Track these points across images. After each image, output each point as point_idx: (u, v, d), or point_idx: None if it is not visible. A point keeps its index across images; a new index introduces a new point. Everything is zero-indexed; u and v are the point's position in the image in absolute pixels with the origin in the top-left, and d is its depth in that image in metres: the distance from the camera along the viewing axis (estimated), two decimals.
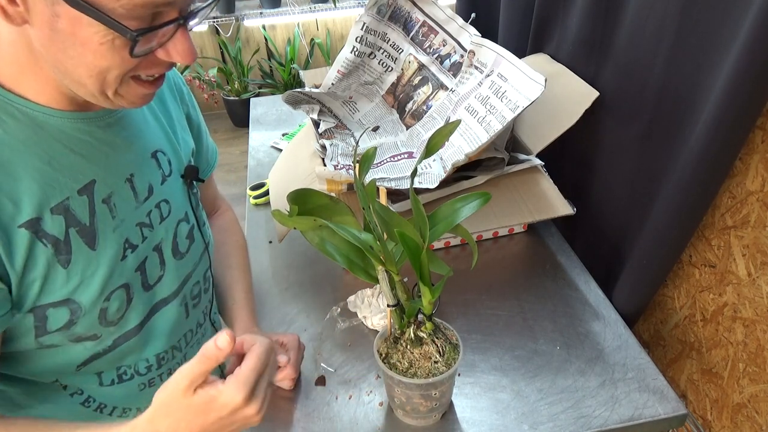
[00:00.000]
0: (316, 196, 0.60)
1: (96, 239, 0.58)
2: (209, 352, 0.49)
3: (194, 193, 0.75)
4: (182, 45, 0.51)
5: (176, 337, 0.72)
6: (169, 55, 0.51)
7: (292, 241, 1.07)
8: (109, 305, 0.61)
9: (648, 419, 0.72)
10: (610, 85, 0.94)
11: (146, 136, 0.66)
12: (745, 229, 0.75)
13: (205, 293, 0.78)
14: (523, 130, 1.06)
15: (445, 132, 0.59)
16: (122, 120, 0.63)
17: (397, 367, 0.65)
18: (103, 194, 0.59)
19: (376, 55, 1.16)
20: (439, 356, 0.65)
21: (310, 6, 3.27)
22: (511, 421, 0.72)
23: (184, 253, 0.71)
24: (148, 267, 0.65)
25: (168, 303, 0.69)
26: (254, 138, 1.49)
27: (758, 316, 0.76)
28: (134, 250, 0.63)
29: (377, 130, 1.14)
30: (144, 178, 0.65)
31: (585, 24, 0.97)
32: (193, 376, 0.50)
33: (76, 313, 0.58)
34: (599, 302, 0.90)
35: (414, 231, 0.55)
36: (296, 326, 0.89)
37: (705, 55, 0.72)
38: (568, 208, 0.97)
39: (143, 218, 0.64)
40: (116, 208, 0.61)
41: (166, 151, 0.69)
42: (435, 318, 0.68)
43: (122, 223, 0.61)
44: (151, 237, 0.65)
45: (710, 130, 0.69)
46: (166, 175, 0.69)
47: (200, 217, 0.76)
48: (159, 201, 0.67)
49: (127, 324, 0.64)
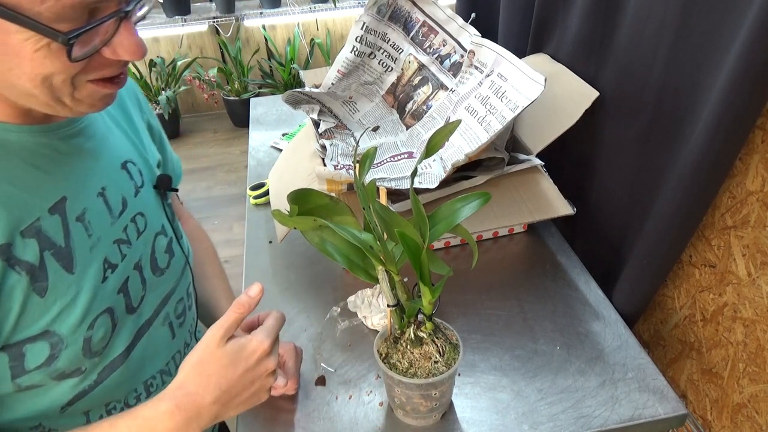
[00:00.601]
0: (316, 196, 0.60)
1: (73, 261, 0.53)
2: (242, 299, 0.56)
3: (168, 204, 0.70)
4: (127, 40, 0.46)
5: (164, 360, 0.68)
6: (115, 53, 0.46)
7: (292, 241, 1.07)
8: (93, 333, 0.55)
9: (648, 419, 0.72)
10: (610, 85, 0.94)
11: (113, 146, 0.62)
12: (745, 229, 0.75)
13: (189, 310, 0.73)
14: (523, 130, 1.06)
15: (446, 132, 0.58)
16: (85, 130, 0.58)
17: (397, 367, 0.65)
18: (76, 211, 0.54)
19: (376, 55, 1.16)
20: (439, 356, 0.65)
21: (310, 6, 3.27)
22: (511, 421, 0.72)
23: (164, 269, 0.66)
24: (131, 287, 0.60)
25: (152, 324, 0.65)
26: (254, 138, 1.49)
27: (758, 316, 0.76)
28: (114, 270, 0.58)
29: (377, 130, 1.14)
30: (116, 191, 0.60)
31: (585, 24, 0.97)
32: (228, 324, 0.55)
33: (57, 346, 0.53)
34: (599, 302, 0.90)
35: (414, 231, 0.55)
36: (296, 326, 0.89)
37: (705, 55, 0.72)
38: (568, 208, 0.97)
39: (120, 234, 0.59)
40: (91, 225, 0.56)
41: (135, 161, 0.65)
42: (435, 318, 0.68)
43: (99, 241, 0.56)
44: (130, 254, 0.60)
45: (710, 130, 0.69)
46: (139, 186, 0.64)
47: (177, 230, 0.72)
48: (134, 214, 0.62)
49: (112, 352, 0.59)
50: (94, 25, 0.43)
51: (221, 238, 2.61)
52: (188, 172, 3.20)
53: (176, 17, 3.18)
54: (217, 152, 3.39)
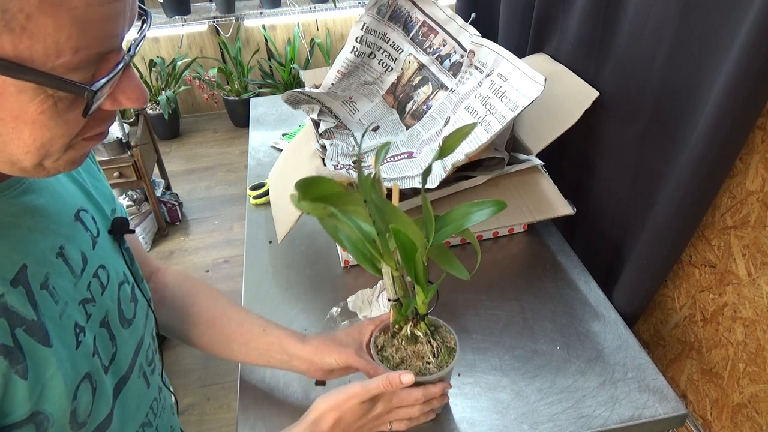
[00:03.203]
0: (329, 183, 0.58)
1: (48, 334, 0.48)
2: (394, 380, 0.61)
3: (126, 248, 0.65)
4: (130, 87, 0.43)
5: (144, 412, 0.64)
6: (118, 103, 0.43)
7: (292, 241, 1.07)
8: (78, 404, 0.51)
9: (648, 419, 0.72)
10: (610, 85, 0.94)
11: (63, 196, 0.56)
12: (745, 229, 0.75)
13: (156, 353, 0.69)
14: (523, 130, 1.06)
15: (461, 134, 0.59)
16: (33, 185, 0.51)
17: (389, 361, 0.66)
18: (39, 279, 0.49)
19: (376, 55, 1.16)
20: (432, 357, 0.65)
21: (310, 6, 3.27)
22: (511, 421, 0.72)
23: (132, 319, 0.62)
24: (99, 346, 0.55)
25: (128, 379, 0.60)
26: (254, 138, 1.49)
27: (758, 316, 0.76)
28: (84, 332, 0.53)
29: (377, 130, 1.14)
30: (74, 247, 0.54)
31: (585, 24, 0.97)
32: (373, 393, 0.61)
33: (43, 425, 0.48)
34: (599, 302, 0.90)
35: (415, 229, 0.55)
36: (296, 326, 0.89)
37: (705, 55, 0.72)
38: (568, 208, 0.97)
39: (84, 293, 0.54)
40: (56, 291, 0.50)
41: (87, 209, 0.59)
42: (439, 320, 0.68)
43: (66, 306, 0.51)
44: (95, 312, 0.55)
45: (710, 130, 0.69)
46: (95, 236, 0.58)
47: (137, 274, 0.66)
48: (95, 269, 0.57)
49: (97, 418, 0.54)
50: (115, 73, 0.40)
51: (221, 238, 2.61)
52: (188, 172, 3.20)
53: (176, 17, 3.18)
54: (217, 152, 3.40)
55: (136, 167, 2.33)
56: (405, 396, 0.64)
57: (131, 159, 2.31)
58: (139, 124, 2.55)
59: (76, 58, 0.37)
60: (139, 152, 2.31)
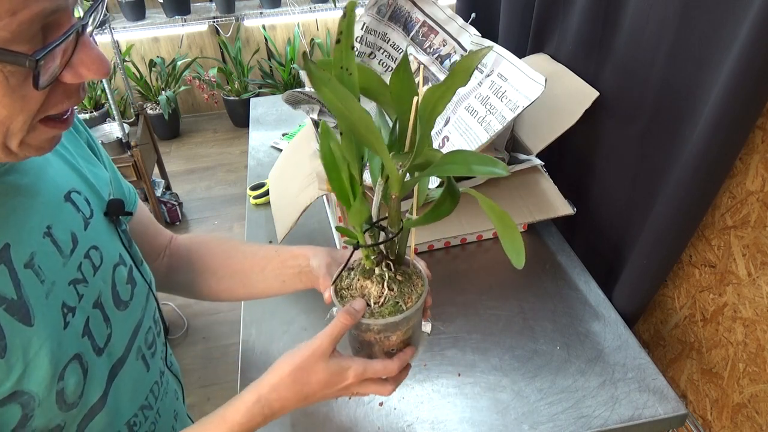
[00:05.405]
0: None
1: (30, 313, 0.48)
2: (350, 311, 0.55)
3: (123, 230, 0.65)
4: (88, 57, 0.41)
5: (142, 395, 0.64)
6: (78, 75, 0.42)
7: (292, 242, 1.07)
8: (65, 384, 0.51)
9: (648, 419, 0.72)
10: (610, 85, 0.94)
11: (52, 177, 0.55)
12: (745, 229, 0.75)
13: (158, 337, 0.69)
14: (523, 130, 1.06)
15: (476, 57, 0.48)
16: (18, 166, 0.52)
17: (344, 297, 0.59)
18: (23, 258, 0.49)
19: (376, 55, 1.16)
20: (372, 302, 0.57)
21: (310, 6, 3.27)
22: (511, 421, 0.72)
23: (128, 301, 0.62)
24: (93, 328, 0.56)
25: (125, 362, 0.60)
26: (254, 138, 1.49)
27: (758, 316, 0.76)
28: (74, 313, 0.53)
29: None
30: (63, 227, 0.54)
31: (585, 24, 0.97)
32: (336, 335, 0.55)
33: (30, 405, 0.48)
34: (599, 302, 0.90)
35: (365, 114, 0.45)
36: (296, 326, 0.89)
37: (705, 55, 0.72)
38: (568, 208, 0.97)
39: (75, 274, 0.54)
40: (42, 270, 0.51)
41: (80, 190, 0.59)
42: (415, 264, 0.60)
43: (54, 285, 0.51)
44: (87, 293, 0.56)
45: (710, 130, 0.69)
46: (88, 217, 0.58)
47: (136, 256, 0.66)
48: (87, 249, 0.57)
49: (89, 400, 0.54)
50: (60, 41, 0.38)
51: None
52: (188, 172, 3.20)
53: (176, 17, 3.18)
54: (217, 152, 3.40)
55: (136, 167, 2.33)
56: (379, 368, 0.58)
57: (131, 159, 2.31)
58: (139, 124, 2.55)
59: (14, 21, 0.35)
60: (139, 152, 2.32)
